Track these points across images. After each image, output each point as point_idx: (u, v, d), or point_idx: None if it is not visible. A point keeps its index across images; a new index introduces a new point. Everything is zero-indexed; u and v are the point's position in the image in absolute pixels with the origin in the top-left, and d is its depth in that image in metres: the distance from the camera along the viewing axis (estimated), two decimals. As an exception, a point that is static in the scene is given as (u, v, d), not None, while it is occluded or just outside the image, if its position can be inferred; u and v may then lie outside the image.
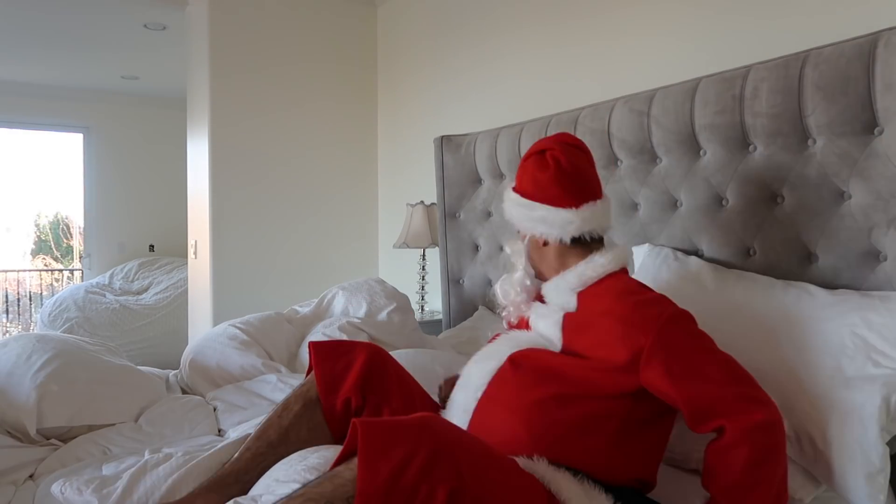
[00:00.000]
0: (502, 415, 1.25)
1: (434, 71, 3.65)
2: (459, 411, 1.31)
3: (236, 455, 1.37)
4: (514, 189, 1.47)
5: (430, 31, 3.67)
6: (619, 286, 1.34)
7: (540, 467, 1.19)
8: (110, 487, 1.30)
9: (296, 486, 1.14)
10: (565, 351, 1.31)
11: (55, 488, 1.32)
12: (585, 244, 1.41)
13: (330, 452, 1.28)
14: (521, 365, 1.29)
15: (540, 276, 1.46)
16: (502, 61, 3.16)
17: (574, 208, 1.37)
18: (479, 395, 1.29)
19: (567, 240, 1.39)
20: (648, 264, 2.04)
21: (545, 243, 1.41)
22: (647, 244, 2.16)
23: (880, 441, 1.27)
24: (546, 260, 1.44)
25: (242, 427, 1.69)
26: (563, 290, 1.38)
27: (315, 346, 1.49)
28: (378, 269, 4.23)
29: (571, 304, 1.36)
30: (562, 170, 1.38)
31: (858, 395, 1.32)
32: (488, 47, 3.24)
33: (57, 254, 8.83)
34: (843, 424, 1.30)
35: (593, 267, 1.36)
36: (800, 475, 1.37)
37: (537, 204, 1.39)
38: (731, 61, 2.09)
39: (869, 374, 1.36)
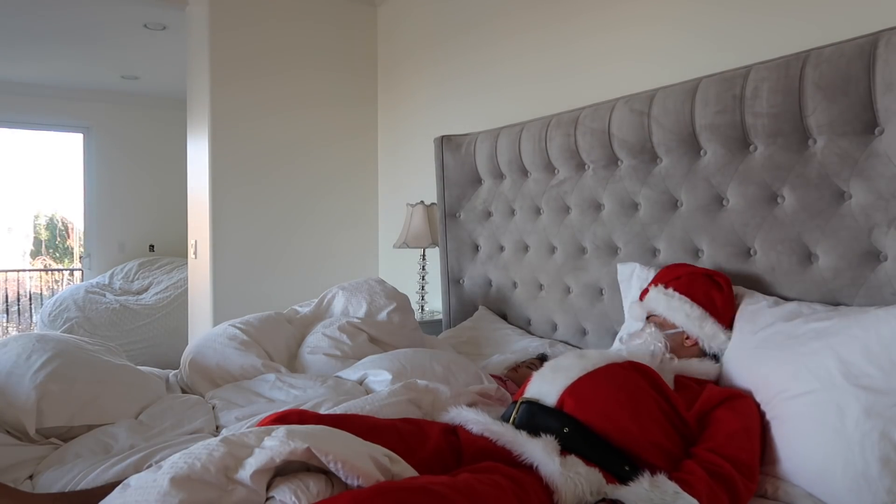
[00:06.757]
0: (607, 384, 1.47)
1: (434, 71, 3.65)
2: (573, 370, 1.50)
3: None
4: (679, 292, 1.81)
5: (431, 32, 3.67)
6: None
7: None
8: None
9: None
10: None
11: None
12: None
13: None
14: (639, 369, 1.52)
15: (673, 352, 1.78)
16: (502, 61, 3.15)
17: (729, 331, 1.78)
18: (596, 368, 1.50)
19: (715, 352, 1.78)
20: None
21: (695, 343, 1.80)
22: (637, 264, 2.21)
23: None
24: (684, 349, 1.80)
25: (240, 424, 1.69)
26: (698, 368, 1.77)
27: None
28: (378, 269, 4.23)
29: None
30: (731, 299, 1.83)
31: None
32: (488, 47, 3.24)
33: (56, 254, 8.83)
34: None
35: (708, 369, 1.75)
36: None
37: (709, 317, 1.78)
38: (731, 61, 2.09)
39: None
